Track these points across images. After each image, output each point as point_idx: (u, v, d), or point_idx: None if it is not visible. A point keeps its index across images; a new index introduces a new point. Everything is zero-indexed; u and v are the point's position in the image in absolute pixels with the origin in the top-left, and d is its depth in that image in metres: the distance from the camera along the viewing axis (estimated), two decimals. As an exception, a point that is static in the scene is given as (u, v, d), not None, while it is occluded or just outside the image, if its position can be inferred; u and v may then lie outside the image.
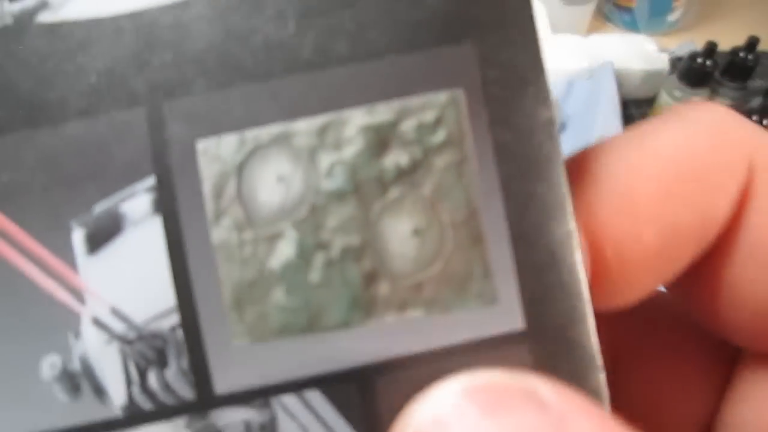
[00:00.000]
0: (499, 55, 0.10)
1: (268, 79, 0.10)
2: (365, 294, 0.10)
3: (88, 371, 0.11)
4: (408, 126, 0.10)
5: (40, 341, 0.11)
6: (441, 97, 0.10)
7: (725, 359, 0.14)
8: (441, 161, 0.10)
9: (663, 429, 0.14)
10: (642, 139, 0.12)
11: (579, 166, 0.12)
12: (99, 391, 0.11)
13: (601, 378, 0.10)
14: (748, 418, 0.13)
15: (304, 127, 0.10)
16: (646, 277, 0.12)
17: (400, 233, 0.10)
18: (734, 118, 0.12)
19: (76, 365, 0.11)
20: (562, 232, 0.10)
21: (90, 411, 0.11)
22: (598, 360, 0.10)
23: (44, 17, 0.11)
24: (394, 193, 0.10)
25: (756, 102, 0.66)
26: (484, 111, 0.10)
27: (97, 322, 0.11)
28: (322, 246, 0.10)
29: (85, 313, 0.11)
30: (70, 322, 0.11)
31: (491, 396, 0.09)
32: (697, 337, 0.14)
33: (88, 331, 0.11)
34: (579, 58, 0.77)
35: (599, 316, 0.11)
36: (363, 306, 0.10)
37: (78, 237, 0.11)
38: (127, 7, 0.10)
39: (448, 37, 0.10)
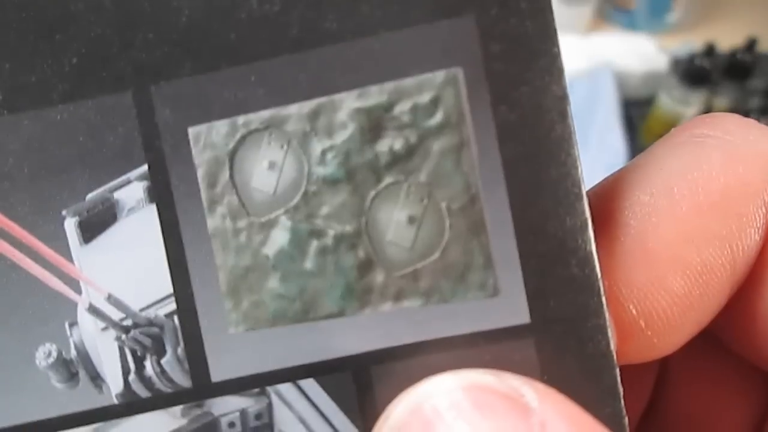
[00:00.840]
0: (503, 26, 0.09)
1: (254, 60, 0.09)
2: (360, 282, 0.09)
3: (85, 359, 0.10)
4: (402, 109, 0.09)
5: (35, 330, 0.10)
6: (438, 76, 0.09)
7: (765, 384, 0.12)
8: (438, 145, 0.09)
9: None
10: (650, 173, 0.10)
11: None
12: (95, 379, 0.10)
13: (617, 377, 0.09)
14: None
15: (295, 111, 0.09)
16: (680, 328, 0.10)
17: (396, 221, 0.09)
18: (749, 130, 0.10)
19: (72, 353, 0.10)
20: (574, 221, 0.09)
21: (86, 398, 0.10)
22: (613, 358, 0.09)
23: None
24: (388, 179, 0.09)
25: (755, 102, 0.64)
26: (485, 89, 0.09)
27: (94, 310, 0.10)
28: (316, 234, 0.09)
29: (81, 302, 0.10)
30: (65, 310, 0.10)
31: (475, 397, 0.08)
32: (739, 362, 0.12)
33: (85, 318, 0.10)
34: (578, 58, 0.75)
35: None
36: (358, 295, 0.09)
37: (71, 226, 0.10)
38: None
39: (446, 8, 0.09)
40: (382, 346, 0.09)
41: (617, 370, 0.09)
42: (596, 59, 0.74)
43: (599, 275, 0.09)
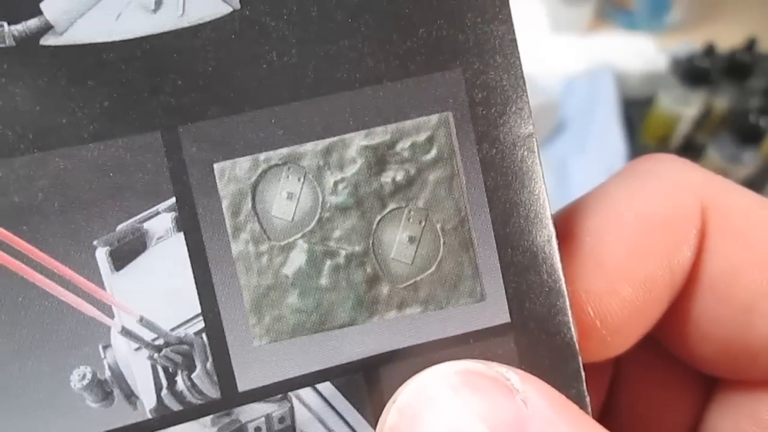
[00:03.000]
0: (484, 78, 0.13)
1: (274, 105, 0.12)
2: (368, 295, 0.13)
3: (119, 378, 0.13)
4: (403, 146, 0.13)
5: (70, 354, 0.13)
6: (432, 119, 0.13)
7: (704, 382, 0.16)
8: (433, 176, 0.13)
9: None
10: (604, 199, 0.14)
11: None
12: (130, 396, 0.13)
13: (579, 363, 0.13)
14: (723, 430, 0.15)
15: (311, 149, 0.13)
16: (629, 329, 0.14)
17: (399, 241, 0.13)
18: (684, 166, 0.15)
19: (106, 374, 0.13)
20: (542, 236, 0.13)
21: (122, 416, 0.13)
22: (576, 348, 0.13)
23: (49, 40, 0.12)
24: (392, 205, 0.13)
25: (754, 102, 0.70)
26: (471, 130, 0.13)
27: (127, 332, 0.13)
28: (330, 254, 0.13)
29: (114, 325, 0.13)
30: (99, 334, 0.13)
31: (468, 379, 0.11)
32: (679, 364, 0.16)
33: (118, 341, 0.13)
34: (578, 58, 0.81)
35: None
36: (367, 305, 0.13)
37: (102, 255, 0.13)
38: (134, 32, 0.12)
39: (438, 63, 0.13)
40: (389, 348, 0.13)
41: (580, 358, 0.13)
42: (596, 59, 0.80)
43: (564, 280, 0.13)
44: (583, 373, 0.13)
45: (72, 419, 0.13)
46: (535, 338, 0.13)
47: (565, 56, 0.82)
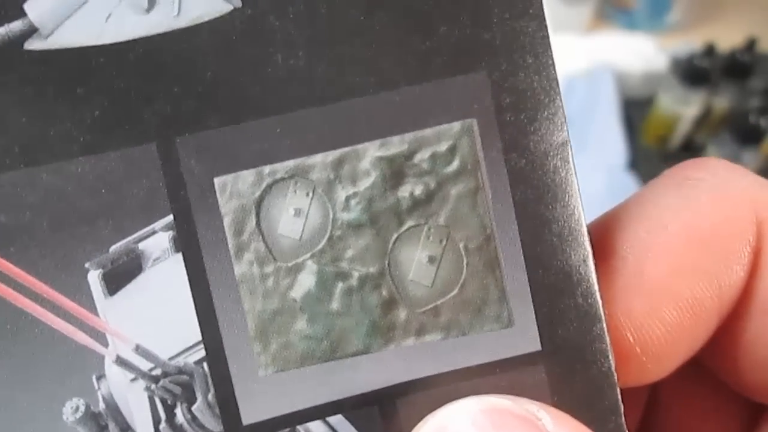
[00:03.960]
0: (512, 81, 0.11)
1: (280, 113, 0.11)
2: (384, 320, 0.12)
3: (114, 411, 0.12)
4: (422, 157, 0.11)
5: (61, 385, 0.12)
6: (454, 127, 0.11)
7: (750, 410, 0.15)
8: (455, 190, 0.11)
9: None
10: (645, 211, 0.13)
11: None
12: (126, 431, 0.12)
13: (618, 395, 0.12)
14: None
15: (320, 161, 0.12)
16: (672, 355, 0.13)
17: (417, 261, 0.12)
18: (735, 173, 0.13)
19: (100, 406, 0.12)
20: (578, 255, 0.11)
21: (116, 451, 0.12)
22: (614, 378, 0.12)
23: (33, 44, 0.11)
24: (410, 222, 0.12)
25: (754, 102, 0.70)
26: (497, 138, 0.11)
27: (122, 362, 0.12)
28: (342, 276, 0.12)
29: (108, 354, 0.12)
30: (92, 363, 0.12)
31: (495, 419, 0.10)
32: (723, 388, 0.15)
33: (112, 371, 0.12)
34: (578, 58, 0.81)
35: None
36: (382, 332, 0.12)
37: (94, 278, 0.12)
38: (126, 33, 0.11)
39: (461, 65, 0.11)
40: (406, 379, 0.12)
41: (618, 389, 0.12)
42: (596, 59, 0.80)
43: (601, 304, 0.12)
44: (621, 407, 0.12)
45: None
46: (568, 368, 0.12)
47: (565, 56, 0.82)
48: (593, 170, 0.69)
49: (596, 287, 0.12)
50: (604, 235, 0.13)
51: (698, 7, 0.85)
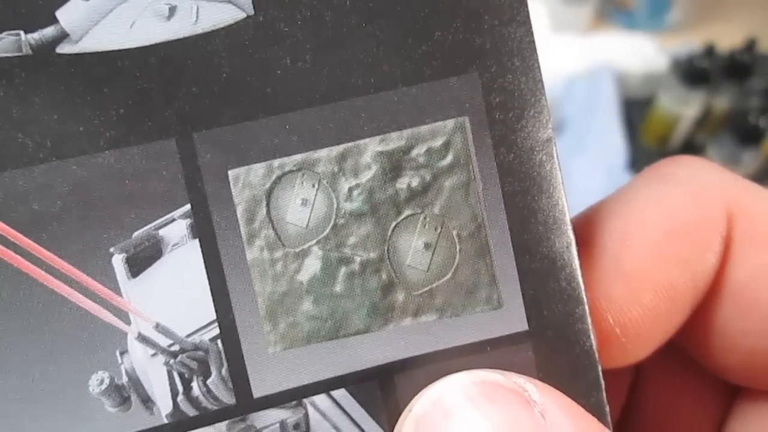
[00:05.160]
0: (501, 82, 0.12)
1: (289, 111, 0.12)
2: (383, 302, 0.13)
3: (136, 383, 0.13)
4: (418, 151, 0.12)
5: (88, 360, 0.12)
6: (448, 124, 0.12)
7: (726, 391, 0.16)
8: (449, 182, 0.12)
9: None
10: (625, 204, 0.13)
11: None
12: (146, 402, 0.13)
13: (599, 371, 0.13)
14: None
15: (325, 155, 0.12)
16: (649, 337, 0.13)
17: (414, 247, 0.13)
18: (709, 169, 0.14)
19: (123, 379, 0.13)
20: (561, 243, 0.12)
21: (139, 420, 0.12)
22: (596, 356, 0.13)
23: (65, 48, 0.12)
24: (407, 211, 0.12)
25: (754, 102, 0.69)
26: (487, 134, 0.12)
27: (143, 338, 0.13)
28: (345, 261, 0.13)
29: (131, 331, 0.13)
30: (116, 340, 0.13)
31: (486, 390, 0.11)
32: (701, 371, 0.16)
33: (134, 346, 0.13)
34: (578, 58, 0.81)
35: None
36: (382, 312, 0.13)
37: (119, 262, 0.13)
38: (149, 39, 0.12)
39: (455, 67, 0.12)
40: (404, 356, 0.12)
41: (599, 367, 0.12)
42: (596, 59, 0.79)
43: (583, 287, 0.12)
44: (602, 383, 0.12)
45: (91, 423, 0.12)
46: (553, 346, 0.12)
47: (565, 56, 0.81)
48: (593, 170, 0.69)
49: (579, 272, 0.12)
50: (588, 226, 0.14)
51: (698, 7, 0.85)
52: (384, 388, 0.12)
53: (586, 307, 0.12)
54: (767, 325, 0.13)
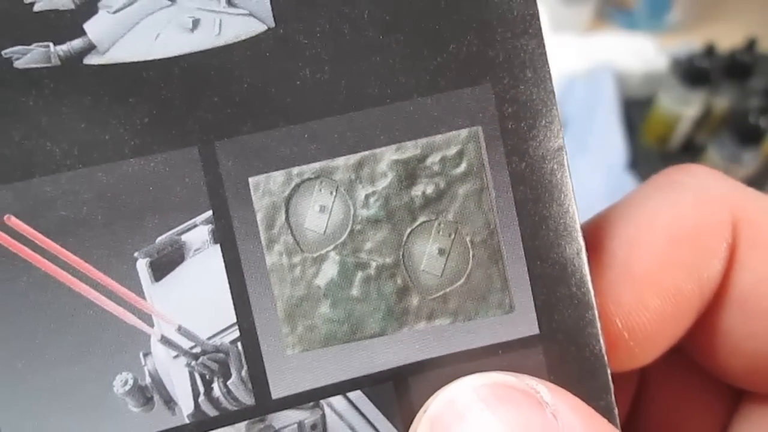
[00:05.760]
0: (514, 93, 0.13)
1: (308, 120, 0.13)
2: (398, 306, 0.13)
3: (158, 384, 0.13)
4: (433, 160, 0.13)
5: (112, 361, 0.13)
6: (462, 133, 0.13)
7: (730, 394, 0.16)
8: (463, 190, 0.13)
9: None
10: (633, 210, 0.14)
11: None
12: (169, 402, 0.13)
13: (608, 375, 0.13)
14: None
15: (342, 163, 0.13)
16: (657, 341, 0.14)
17: (428, 253, 0.13)
18: (715, 178, 0.14)
19: (147, 380, 0.13)
20: (572, 249, 0.13)
21: (161, 420, 0.13)
22: (605, 359, 0.13)
23: (92, 59, 0.12)
24: (422, 218, 0.13)
25: (754, 102, 0.70)
26: (500, 143, 0.13)
27: (166, 341, 0.13)
28: (361, 266, 0.13)
29: (154, 334, 0.13)
30: (139, 342, 0.13)
31: (498, 392, 0.11)
32: (706, 375, 0.16)
33: (157, 348, 0.13)
34: (578, 58, 0.81)
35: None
36: (397, 316, 0.13)
37: (142, 266, 0.13)
38: (173, 51, 0.12)
39: (468, 79, 0.13)
40: (418, 359, 0.13)
41: (609, 370, 0.13)
42: (596, 59, 0.79)
43: (593, 292, 0.13)
44: (611, 386, 0.13)
45: (116, 422, 0.13)
46: (563, 350, 0.13)
47: (565, 56, 0.81)
48: (593, 170, 0.69)
49: (588, 278, 0.13)
50: (597, 232, 0.14)
51: (698, 7, 0.85)
52: (399, 390, 0.13)
53: (596, 312, 0.13)
54: None
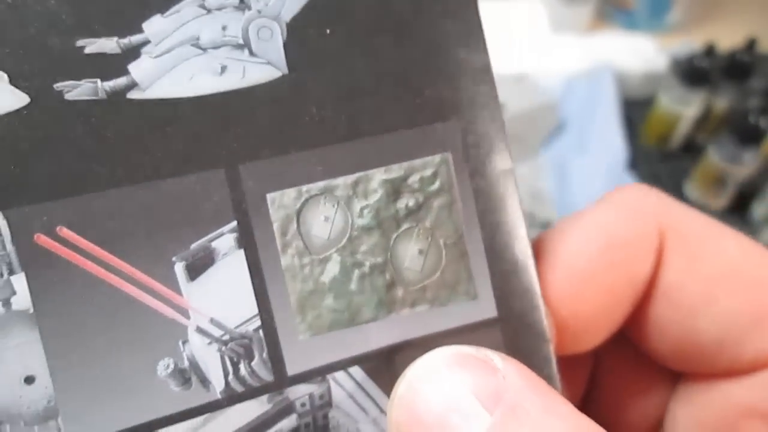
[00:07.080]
0: (474, 128, 0.17)
1: (315, 147, 0.16)
2: (387, 296, 0.17)
3: (195, 367, 0.16)
4: (414, 179, 0.17)
5: (155, 349, 0.15)
6: (436, 158, 0.17)
7: (670, 377, 0.20)
8: (437, 203, 0.17)
9: (623, 428, 0.20)
10: (579, 221, 0.18)
11: (536, 249, 0.17)
12: (204, 381, 0.16)
13: (550, 349, 0.17)
14: (685, 420, 0.19)
15: (342, 182, 0.17)
16: (596, 328, 0.18)
17: (410, 253, 0.17)
18: (648, 195, 0.18)
19: (185, 363, 0.16)
20: (521, 248, 0.17)
21: (198, 396, 0.16)
22: (547, 337, 0.17)
23: (134, 95, 0.14)
24: (405, 225, 0.17)
25: (754, 102, 0.71)
26: (465, 166, 0.17)
27: (200, 330, 0.16)
28: (358, 265, 0.17)
29: (190, 325, 0.16)
30: (178, 332, 0.15)
31: (460, 359, 0.14)
32: (648, 360, 0.20)
33: (194, 337, 0.16)
34: (578, 58, 0.82)
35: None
36: (386, 305, 0.17)
37: (180, 268, 0.16)
38: (204, 90, 0.15)
39: (440, 116, 0.16)
40: (403, 339, 0.17)
41: (551, 346, 0.17)
42: (596, 59, 0.81)
43: (538, 284, 0.17)
44: (553, 358, 0.17)
45: (160, 400, 0.15)
46: (516, 329, 0.17)
47: (565, 56, 0.83)
48: (593, 170, 0.70)
49: (534, 271, 0.17)
50: (550, 238, 0.18)
51: (698, 7, 0.87)
52: (389, 364, 0.17)
53: (541, 299, 0.17)
54: (688, 319, 0.17)
